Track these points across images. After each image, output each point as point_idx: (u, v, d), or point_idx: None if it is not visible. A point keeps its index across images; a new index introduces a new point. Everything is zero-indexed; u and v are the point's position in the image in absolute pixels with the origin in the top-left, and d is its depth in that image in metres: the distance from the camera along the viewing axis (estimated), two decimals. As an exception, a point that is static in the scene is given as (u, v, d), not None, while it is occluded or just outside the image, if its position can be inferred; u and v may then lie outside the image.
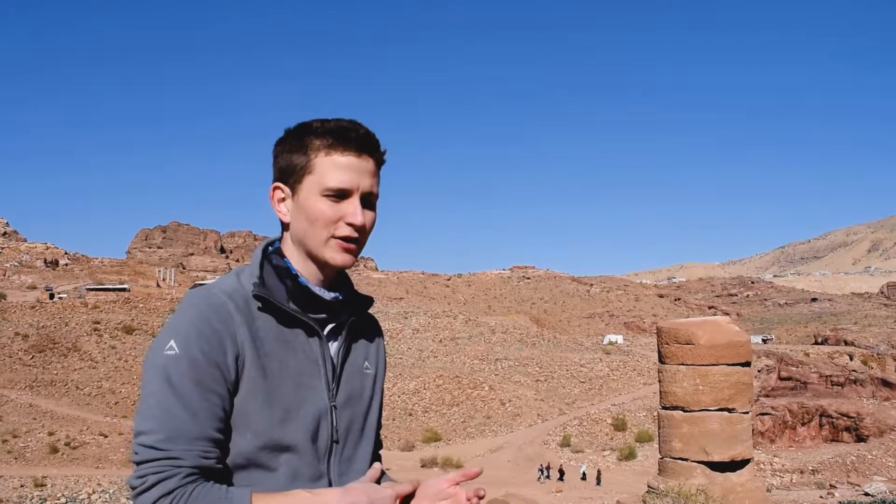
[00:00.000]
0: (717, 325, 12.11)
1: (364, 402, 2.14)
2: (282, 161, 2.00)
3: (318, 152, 1.95)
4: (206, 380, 1.81)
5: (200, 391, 1.80)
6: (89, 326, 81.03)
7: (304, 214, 1.97)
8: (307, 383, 1.97)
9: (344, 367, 2.08)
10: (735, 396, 11.87)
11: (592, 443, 58.11)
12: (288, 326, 1.97)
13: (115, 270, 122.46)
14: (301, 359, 1.97)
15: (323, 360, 2.01)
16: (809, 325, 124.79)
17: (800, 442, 69.83)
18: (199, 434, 1.79)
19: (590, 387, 75.63)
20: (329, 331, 2.06)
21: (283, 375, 1.93)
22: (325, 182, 1.95)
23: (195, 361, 1.80)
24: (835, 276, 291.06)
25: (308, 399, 1.97)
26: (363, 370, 2.15)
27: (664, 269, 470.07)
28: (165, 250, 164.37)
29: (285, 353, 1.95)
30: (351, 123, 1.99)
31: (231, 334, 1.86)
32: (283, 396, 1.92)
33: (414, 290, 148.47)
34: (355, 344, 2.15)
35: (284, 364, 1.94)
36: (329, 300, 2.03)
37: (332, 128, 1.97)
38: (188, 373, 1.80)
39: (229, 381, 1.85)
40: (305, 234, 1.98)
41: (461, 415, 67.07)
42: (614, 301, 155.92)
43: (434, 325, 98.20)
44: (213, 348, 1.83)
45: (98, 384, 69.16)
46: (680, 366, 12.03)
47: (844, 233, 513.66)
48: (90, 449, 53.47)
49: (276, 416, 1.90)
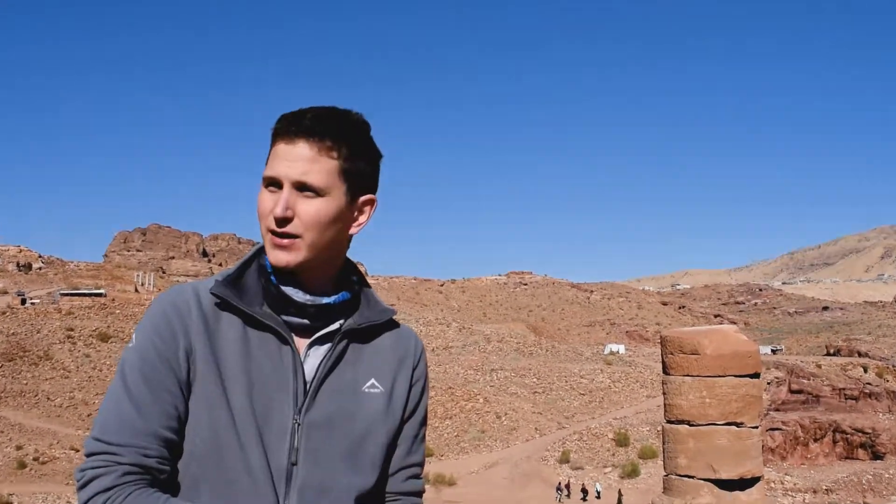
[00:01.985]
0: (724, 335, 11.98)
1: (359, 425, 1.92)
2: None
3: (273, 141, 1.91)
4: (153, 374, 1.79)
5: (148, 385, 1.78)
6: (62, 334, 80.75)
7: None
8: (270, 395, 1.83)
9: (325, 381, 1.89)
10: (744, 410, 11.72)
11: (593, 459, 57.97)
12: (257, 329, 1.86)
13: (91, 275, 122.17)
14: (267, 367, 1.84)
15: (294, 371, 1.85)
16: (821, 335, 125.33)
17: (812, 459, 69.81)
18: (144, 429, 1.78)
19: (590, 399, 75.61)
20: (318, 338, 1.91)
21: (240, 381, 1.81)
22: (265, 172, 1.90)
23: (146, 354, 1.80)
24: (846, 284, 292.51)
25: (266, 409, 1.83)
26: (360, 390, 1.94)
27: (668, 275, 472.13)
28: (145, 254, 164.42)
29: (248, 358, 1.84)
30: (308, 109, 1.90)
31: (184, 328, 1.82)
32: (234, 404, 1.81)
33: (405, 296, 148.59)
34: (354, 358, 1.96)
35: (245, 369, 1.82)
36: (300, 302, 1.88)
37: (281, 117, 1.92)
38: (138, 365, 1.80)
39: (180, 379, 1.81)
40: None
41: (454, 429, 66.97)
42: (616, 309, 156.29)
43: (426, 334, 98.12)
44: (164, 342, 1.81)
45: (70, 395, 68.86)
46: (685, 377, 11.89)
47: (856, 238, 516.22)
48: (61, 464, 53.15)
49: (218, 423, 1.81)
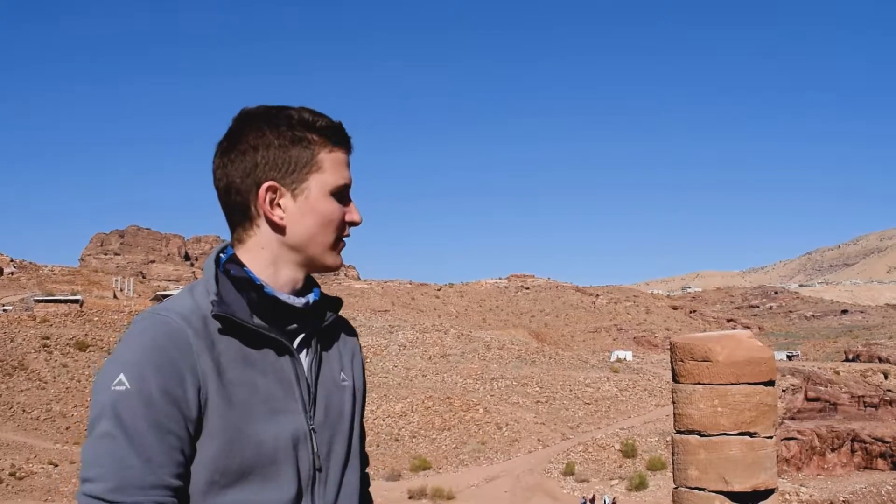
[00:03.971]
0: (737, 340, 12.10)
1: (345, 419, 2.07)
2: (273, 155, 1.94)
3: (322, 147, 1.96)
4: (163, 420, 1.74)
5: (157, 433, 1.73)
6: (38, 342, 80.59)
7: (316, 217, 1.96)
8: (281, 407, 1.91)
9: (319, 383, 2.02)
10: (757, 419, 11.86)
11: (599, 471, 58.09)
12: (254, 346, 1.91)
13: (66, 280, 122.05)
14: (271, 381, 1.92)
15: (297, 379, 1.95)
16: (839, 340, 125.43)
17: (829, 470, 70.05)
18: (154, 482, 1.73)
19: (596, 409, 75.71)
20: (298, 342, 2.01)
21: (253, 402, 1.87)
22: (332, 180, 1.96)
23: (150, 399, 1.73)
24: (867, 286, 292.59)
25: (283, 425, 1.91)
26: (340, 383, 2.09)
27: (678, 277, 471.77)
28: (123, 257, 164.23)
29: (253, 376, 1.89)
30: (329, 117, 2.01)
31: (191, 365, 1.79)
32: (254, 427, 1.85)
33: (400, 301, 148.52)
34: (328, 354, 2.09)
35: (253, 389, 1.88)
36: (301, 307, 1.98)
37: (330, 124, 1.99)
38: (142, 412, 1.73)
39: (190, 420, 1.78)
40: (312, 239, 1.97)
41: (453, 440, 67.00)
42: (623, 313, 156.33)
43: (423, 341, 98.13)
44: (170, 383, 1.76)
45: (47, 407, 68.76)
46: (696, 385, 12.02)
47: (878, 237, 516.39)
48: (38, 479, 53.11)
49: (247, 451, 1.84)
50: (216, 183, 1.98)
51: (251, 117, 1.97)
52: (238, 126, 1.97)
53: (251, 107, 1.99)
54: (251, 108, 1.99)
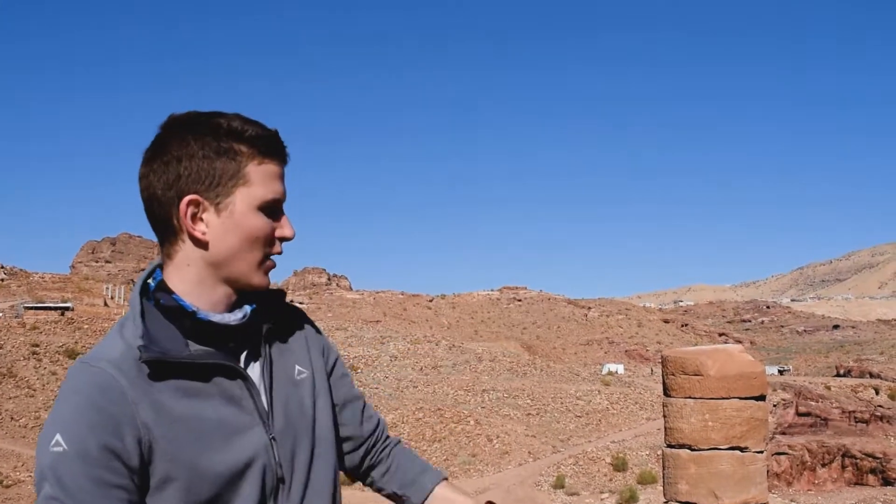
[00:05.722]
0: (729, 355, 12.13)
1: (307, 413, 1.99)
2: (197, 166, 1.81)
3: (251, 159, 1.84)
4: (105, 475, 1.67)
5: (100, 489, 1.66)
6: (27, 350, 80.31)
7: (241, 233, 1.84)
8: (236, 428, 1.83)
9: (273, 389, 1.94)
10: (748, 433, 11.88)
11: (589, 484, 58.05)
12: (197, 376, 1.81)
13: (57, 287, 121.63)
14: (219, 404, 1.82)
15: (249, 394, 1.87)
16: (831, 355, 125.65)
17: (820, 485, 70.02)
18: None
19: (587, 422, 75.67)
20: (245, 356, 1.93)
21: (205, 434, 1.79)
22: (261, 194, 1.84)
23: (88, 456, 1.66)
24: (859, 301, 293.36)
25: (242, 446, 1.83)
26: (295, 378, 2.00)
27: (670, 291, 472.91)
28: (115, 265, 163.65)
29: (200, 407, 1.79)
30: (262, 125, 1.89)
31: (129, 416, 1.70)
32: (210, 459, 1.78)
33: (392, 312, 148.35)
34: (279, 353, 2.00)
35: (202, 421, 1.79)
36: (236, 324, 1.89)
37: (260, 133, 1.86)
38: (82, 471, 1.65)
39: (133, 469, 1.70)
40: (235, 256, 1.85)
41: (443, 452, 66.87)
42: (614, 326, 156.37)
43: (414, 352, 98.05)
44: (108, 438, 1.67)
45: (36, 415, 68.44)
46: (687, 399, 12.04)
47: (870, 253, 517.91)
48: (26, 488, 52.83)
49: (205, 487, 1.78)
50: (141, 193, 1.87)
51: (177, 125, 1.85)
52: (163, 134, 1.86)
53: (179, 113, 1.87)
54: (179, 115, 1.87)
